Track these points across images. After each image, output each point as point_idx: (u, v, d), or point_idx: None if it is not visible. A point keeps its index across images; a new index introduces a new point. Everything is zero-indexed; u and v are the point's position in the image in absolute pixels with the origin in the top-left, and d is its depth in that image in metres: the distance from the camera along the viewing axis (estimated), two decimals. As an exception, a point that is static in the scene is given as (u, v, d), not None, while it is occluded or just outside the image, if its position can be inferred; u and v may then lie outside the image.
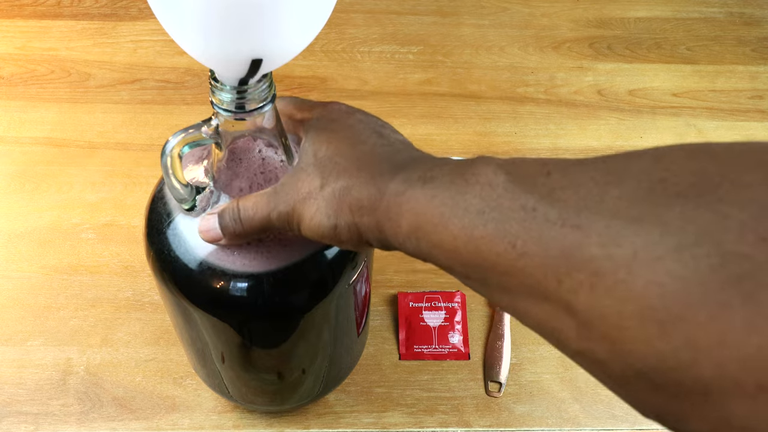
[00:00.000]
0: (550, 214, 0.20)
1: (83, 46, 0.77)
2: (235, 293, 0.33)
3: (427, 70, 0.77)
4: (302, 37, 0.25)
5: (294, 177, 0.28)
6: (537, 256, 0.20)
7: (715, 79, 0.78)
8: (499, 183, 0.22)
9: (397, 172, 0.25)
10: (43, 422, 0.49)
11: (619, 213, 0.18)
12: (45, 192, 0.63)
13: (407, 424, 0.50)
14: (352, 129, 0.29)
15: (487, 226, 0.21)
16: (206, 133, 0.30)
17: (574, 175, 0.20)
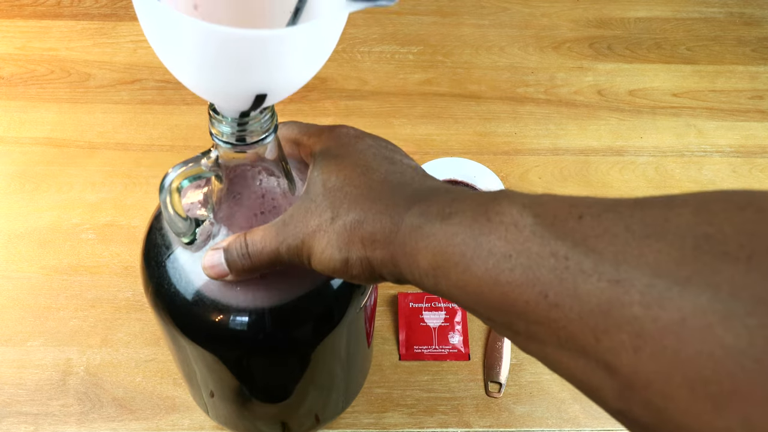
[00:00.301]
0: (585, 265, 0.19)
1: (83, 46, 0.77)
2: (238, 329, 0.32)
3: (427, 70, 0.77)
4: (307, 70, 0.24)
5: (302, 208, 0.27)
6: (572, 310, 0.19)
7: (715, 79, 0.78)
8: (526, 225, 0.21)
9: (413, 204, 0.24)
10: (43, 422, 0.49)
11: (661, 271, 0.17)
12: (45, 192, 0.63)
13: (407, 424, 0.50)
14: (362, 155, 0.28)
15: (514, 271, 0.20)
16: (206, 165, 0.28)
17: (608, 222, 0.19)
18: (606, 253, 0.18)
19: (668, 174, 0.68)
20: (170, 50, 0.23)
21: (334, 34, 0.24)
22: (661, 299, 0.17)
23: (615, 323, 0.18)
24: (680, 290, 0.17)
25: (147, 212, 0.61)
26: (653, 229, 0.18)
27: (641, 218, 0.19)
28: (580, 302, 0.18)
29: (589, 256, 0.19)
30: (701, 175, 0.68)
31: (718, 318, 0.16)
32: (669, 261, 0.17)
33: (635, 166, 0.68)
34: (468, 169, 0.63)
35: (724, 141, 0.71)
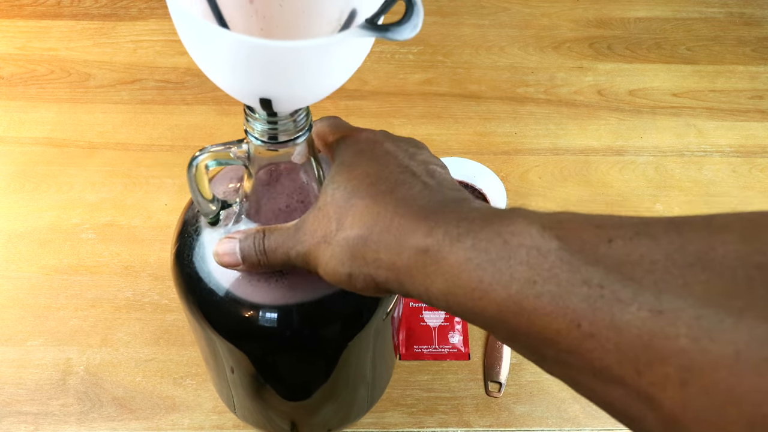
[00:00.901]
0: (622, 294, 0.17)
1: (83, 46, 0.77)
2: (266, 325, 0.33)
3: (427, 70, 0.77)
4: (313, 85, 0.24)
5: (312, 216, 0.27)
6: (609, 341, 0.18)
7: (715, 79, 0.78)
8: (550, 251, 0.19)
9: (417, 224, 0.23)
10: (43, 422, 0.49)
11: (710, 302, 0.16)
12: (45, 192, 0.63)
13: (407, 424, 0.50)
14: (374, 163, 0.27)
15: (541, 298, 0.19)
16: (234, 153, 0.29)
17: (643, 248, 0.18)
18: (645, 282, 0.17)
19: (668, 174, 0.68)
20: (191, 46, 0.23)
21: (340, 58, 0.23)
22: (711, 331, 0.16)
23: (659, 356, 0.17)
24: (734, 322, 0.16)
25: (147, 212, 0.61)
26: (696, 257, 0.17)
27: (681, 245, 0.18)
28: (618, 333, 0.17)
29: (626, 285, 0.18)
30: (701, 175, 0.68)
31: None
32: (719, 292, 0.16)
33: (635, 166, 0.68)
34: (468, 169, 0.63)
35: (724, 141, 0.71)
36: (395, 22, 0.21)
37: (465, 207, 0.24)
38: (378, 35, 0.21)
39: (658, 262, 0.17)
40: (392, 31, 0.21)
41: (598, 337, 0.18)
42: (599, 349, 0.18)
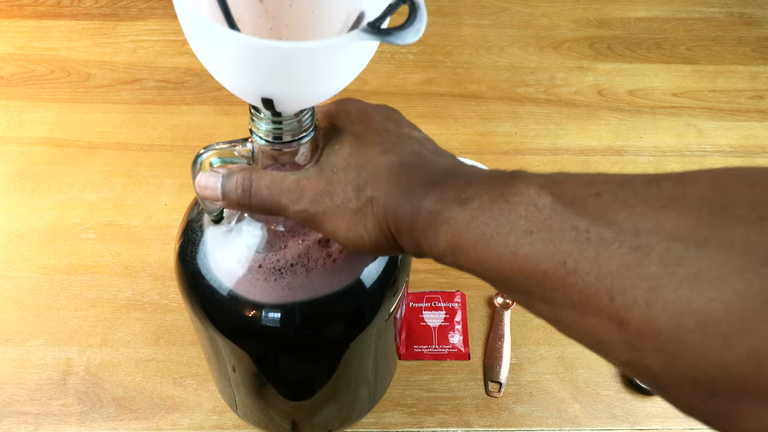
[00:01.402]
0: (606, 235, 0.20)
1: (83, 46, 0.77)
2: (269, 324, 0.33)
3: (427, 70, 0.77)
4: (314, 86, 0.24)
5: (322, 177, 0.28)
6: (590, 274, 0.20)
7: (715, 79, 0.78)
8: (545, 205, 0.22)
9: (429, 189, 0.26)
10: (43, 422, 0.49)
11: (680, 236, 0.19)
12: (45, 192, 0.63)
13: (407, 424, 0.50)
14: (375, 133, 0.29)
15: (534, 245, 0.21)
16: (239, 152, 0.30)
17: (624, 197, 0.21)
18: (625, 225, 0.20)
19: (668, 174, 0.68)
20: (194, 44, 0.23)
21: (342, 61, 0.23)
22: (678, 258, 0.18)
23: (631, 282, 0.19)
24: (698, 250, 0.18)
25: (147, 212, 0.61)
26: (669, 201, 0.20)
27: (657, 192, 0.20)
28: (599, 267, 0.20)
29: (609, 228, 0.20)
30: (701, 175, 0.68)
31: (732, 270, 0.17)
32: (687, 227, 0.19)
33: (635, 165, 0.68)
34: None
35: (724, 141, 0.71)
36: (397, 27, 0.21)
37: (469, 173, 0.27)
38: (379, 39, 0.21)
39: (637, 207, 0.20)
40: (394, 36, 0.21)
41: (580, 272, 0.20)
42: (580, 282, 0.20)
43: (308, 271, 0.32)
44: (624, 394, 0.52)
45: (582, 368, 0.53)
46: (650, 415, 0.50)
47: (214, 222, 0.33)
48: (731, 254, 0.18)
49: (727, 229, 0.18)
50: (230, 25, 0.27)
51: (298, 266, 0.32)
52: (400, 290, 0.37)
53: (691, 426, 0.50)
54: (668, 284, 0.18)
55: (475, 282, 0.57)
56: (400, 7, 0.23)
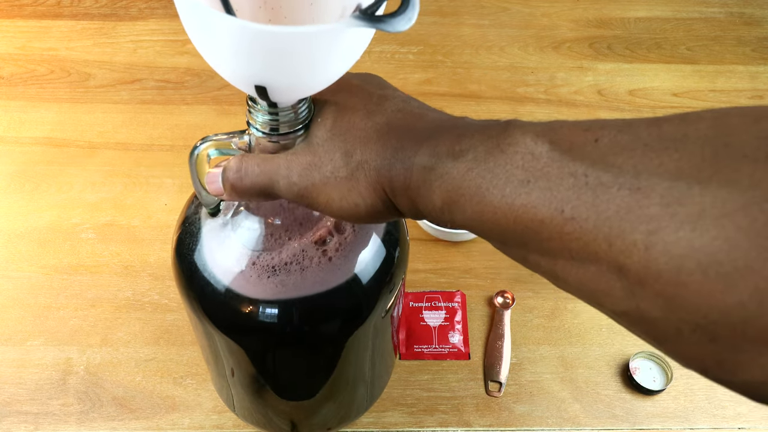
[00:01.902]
0: (604, 178, 0.19)
1: (83, 46, 0.77)
2: (266, 320, 0.33)
3: (427, 70, 0.77)
4: (305, 74, 0.24)
5: (308, 151, 0.27)
6: (587, 221, 0.19)
7: (715, 79, 0.78)
8: (542, 153, 0.21)
9: (421, 144, 0.24)
10: (43, 422, 0.49)
11: (682, 174, 0.18)
12: (45, 192, 0.63)
13: (407, 423, 0.50)
14: (357, 98, 0.28)
15: (531, 194, 0.21)
16: (236, 144, 0.29)
17: (625, 141, 0.20)
18: (625, 166, 0.19)
19: (668, 174, 0.68)
20: (188, 27, 0.23)
21: (335, 48, 0.23)
22: (680, 197, 0.18)
23: (630, 226, 0.18)
24: (701, 188, 0.17)
25: (147, 212, 0.61)
26: (672, 142, 0.19)
27: (658, 134, 0.19)
28: (597, 212, 0.19)
29: (608, 171, 0.19)
30: (701, 175, 0.68)
31: (736, 206, 0.17)
32: (690, 166, 0.18)
33: (635, 165, 0.68)
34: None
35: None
36: (390, 14, 0.21)
37: (460, 124, 0.25)
38: (371, 26, 0.21)
39: (637, 149, 0.19)
40: (386, 23, 0.21)
41: (578, 219, 0.19)
42: (578, 230, 0.19)
43: (303, 270, 0.32)
44: (624, 394, 0.52)
45: (582, 368, 0.53)
46: (650, 415, 0.50)
47: (210, 215, 0.33)
48: (735, 190, 0.17)
49: (731, 167, 0.17)
50: (228, 13, 0.27)
51: (292, 264, 0.32)
52: (397, 287, 0.37)
53: (691, 426, 0.50)
54: (669, 225, 0.17)
55: (475, 282, 0.58)
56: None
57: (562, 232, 0.20)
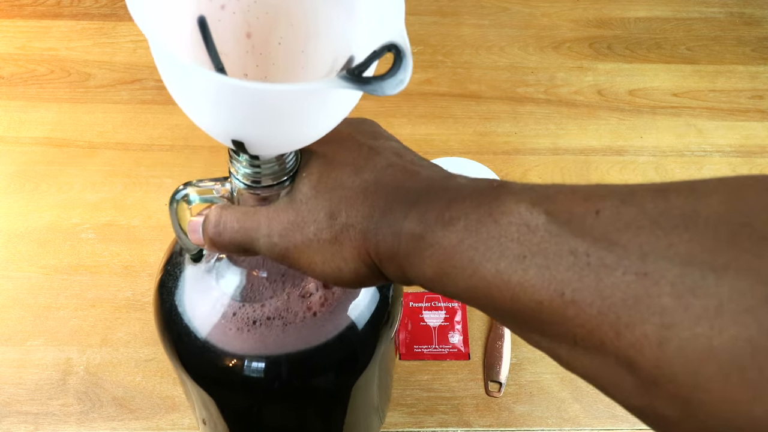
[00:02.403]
0: (608, 259, 0.18)
1: (83, 46, 0.77)
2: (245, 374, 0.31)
3: (427, 70, 0.77)
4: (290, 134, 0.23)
5: (291, 209, 0.25)
6: (591, 306, 0.18)
7: (715, 79, 0.78)
8: (539, 225, 0.19)
9: (410, 209, 0.23)
10: (43, 422, 0.49)
11: (695, 260, 0.16)
12: (45, 192, 0.63)
13: (407, 424, 0.50)
14: (346, 151, 0.26)
15: (528, 272, 0.19)
16: (218, 191, 0.28)
17: (628, 216, 0.18)
18: (630, 246, 0.17)
19: (668, 174, 0.68)
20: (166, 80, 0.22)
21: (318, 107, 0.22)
22: (694, 288, 0.16)
23: (639, 316, 0.17)
24: (717, 277, 0.16)
25: (147, 212, 0.61)
26: (681, 219, 0.17)
27: (666, 209, 0.18)
28: (602, 297, 0.17)
29: (612, 251, 0.18)
30: (701, 175, 0.68)
31: (759, 301, 0.15)
32: (703, 250, 0.16)
33: (635, 166, 0.68)
34: (468, 169, 0.63)
35: (724, 141, 0.71)
36: (379, 76, 0.19)
37: (452, 186, 0.24)
38: (356, 88, 0.19)
39: (644, 227, 0.18)
40: (374, 85, 0.19)
41: (580, 303, 0.18)
42: (581, 315, 0.18)
43: (285, 325, 0.30)
44: (624, 394, 0.51)
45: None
46: (650, 415, 0.50)
47: (193, 261, 0.32)
48: (757, 282, 0.15)
49: (751, 252, 0.16)
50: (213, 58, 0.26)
51: (275, 319, 0.30)
52: (397, 319, 0.35)
53: (691, 426, 0.50)
54: (683, 320, 0.16)
55: (475, 282, 0.58)
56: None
57: (564, 317, 0.18)
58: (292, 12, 0.26)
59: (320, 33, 0.26)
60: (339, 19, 0.25)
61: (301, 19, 0.26)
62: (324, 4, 0.25)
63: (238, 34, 0.26)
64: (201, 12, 0.25)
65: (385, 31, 0.21)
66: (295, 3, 0.26)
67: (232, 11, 0.26)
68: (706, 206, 0.17)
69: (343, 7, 0.25)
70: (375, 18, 0.23)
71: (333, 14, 0.25)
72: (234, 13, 0.26)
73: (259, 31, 0.26)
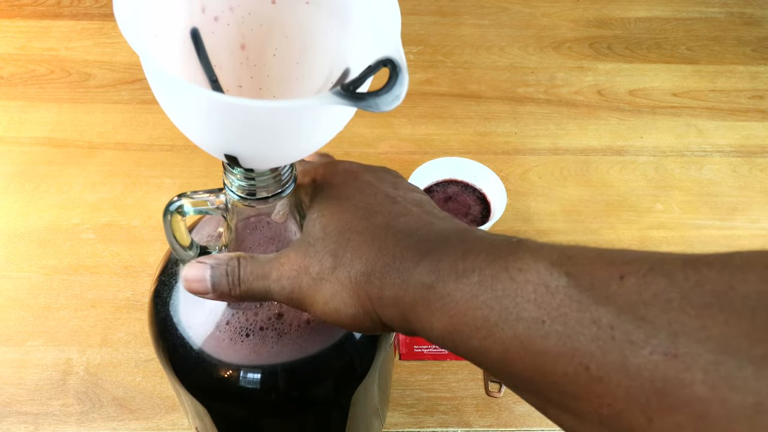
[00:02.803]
0: (634, 336, 0.16)
1: (83, 46, 0.77)
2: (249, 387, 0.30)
3: (427, 70, 0.77)
4: (284, 149, 0.22)
5: (300, 250, 0.25)
6: (619, 386, 0.16)
7: (715, 79, 0.78)
8: (559, 288, 0.18)
9: (421, 258, 0.22)
10: (43, 422, 0.49)
11: (730, 346, 0.15)
12: (45, 192, 0.63)
13: (407, 424, 0.50)
14: (361, 195, 0.26)
15: (548, 339, 0.18)
16: (212, 203, 0.27)
17: (657, 285, 0.17)
18: (659, 323, 0.16)
19: (668, 174, 0.68)
20: (158, 95, 0.22)
21: (312, 122, 0.21)
22: (730, 379, 0.15)
23: (671, 403, 0.16)
24: (755, 370, 0.15)
25: (147, 212, 0.61)
26: (714, 296, 0.16)
27: (698, 282, 0.16)
28: (629, 378, 0.16)
29: (639, 326, 0.16)
30: (701, 175, 0.68)
31: None
32: (739, 335, 0.15)
33: (635, 165, 0.68)
34: (468, 168, 0.63)
35: (725, 141, 0.71)
36: (374, 92, 0.19)
37: (469, 238, 0.23)
38: (351, 104, 0.19)
39: (673, 300, 0.16)
40: (369, 102, 0.19)
41: (607, 381, 0.17)
42: (609, 394, 0.17)
43: (279, 336, 0.30)
44: (624, 394, 0.51)
45: None
46: (650, 415, 0.50)
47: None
48: None
49: None
50: (207, 70, 0.25)
51: (269, 329, 0.30)
52: None
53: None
54: (720, 414, 0.15)
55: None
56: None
57: (591, 393, 0.17)
58: (286, 24, 0.26)
59: (315, 45, 0.26)
60: (333, 32, 0.25)
61: (295, 31, 0.26)
62: (318, 16, 0.25)
63: (233, 45, 0.26)
64: (194, 24, 0.25)
65: (380, 44, 0.21)
66: (290, 15, 0.25)
67: (226, 23, 0.25)
68: (742, 283, 0.16)
69: (337, 20, 0.24)
70: (370, 31, 0.23)
71: (328, 26, 0.25)
72: (228, 24, 0.25)
73: (254, 43, 0.26)
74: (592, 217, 0.64)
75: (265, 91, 0.27)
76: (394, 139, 0.69)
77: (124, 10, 0.20)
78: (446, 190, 0.63)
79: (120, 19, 0.20)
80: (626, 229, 0.63)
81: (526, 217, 0.63)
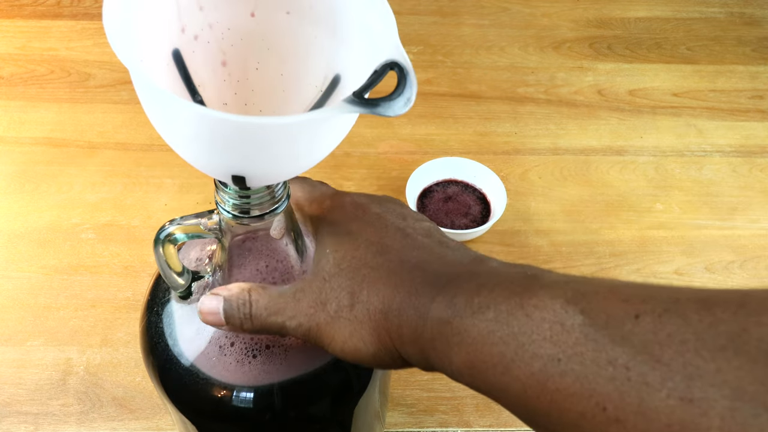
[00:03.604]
0: (650, 377, 0.17)
1: (83, 46, 0.77)
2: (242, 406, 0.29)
3: (427, 70, 0.77)
4: (290, 164, 0.22)
5: (315, 287, 0.25)
6: (636, 428, 0.17)
7: (715, 79, 0.78)
8: (574, 326, 0.19)
9: (437, 293, 0.22)
10: (43, 422, 0.49)
11: (745, 393, 0.15)
12: (45, 192, 0.63)
13: (407, 424, 0.50)
14: (372, 229, 0.26)
15: (564, 378, 0.18)
16: (205, 226, 0.27)
17: (671, 326, 0.17)
18: (674, 365, 0.16)
19: (668, 174, 0.68)
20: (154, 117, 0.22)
21: (321, 133, 0.21)
22: (746, 426, 0.15)
23: None
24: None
25: (147, 212, 0.61)
26: (729, 339, 0.16)
27: (711, 323, 0.17)
28: (646, 420, 0.16)
29: (654, 368, 0.17)
30: (701, 175, 0.68)
31: None
32: (754, 381, 0.15)
33: (635, 165, 0.68)
34: (468, 168, 0.63)
35: (724, 141, 0.71)
36: (386, 97, 0.19)
37: (482, 271, 0.23)
38: (366, 111, 0.19)
39: (688, 342, 0.17)
40: (382, 107, 0.19)
41: (624, 422, 0.17)
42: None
43: (286, 351, 0.29)
44: (624, 394, 0.51)
45: None
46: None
47: (181, 299, 0.30)
48: None
49: None
50: (191, 91, 0.25)
51: (274, 347, 0.29)
52: None
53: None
54: None
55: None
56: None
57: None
58: (268, 36, 0.25)
59: (299, 54, 0.25)
60: (319, 39, 0.24)
61: (278, 42, 0.25)
62: (301, 25, 0.25)
63: (214, 63, 0.25)
64: (174, 45, 0.24)
65: (376, 48, 0.21)
66: (271, 27, 0.25)
67: (206, 41, 0.25)
68: (756, 326, 0.16)
69: (323, 27, 0.24)
70: (362, 34, 0.22)
71: (312, 34, 0.24)
72: (208, 42, 0.25)
73: (235, 59, 0.26)
74: (592, 217, 0.64)
75: (250, 106, 0.27)
76: (394, 139, 0.69)
77: (118, 41, 0.20)
78: (446, 190, 0.63)
79: (117, 50, 0.19)
80: (626, 229, 0.63)
81: (526, 217, 0.63)
